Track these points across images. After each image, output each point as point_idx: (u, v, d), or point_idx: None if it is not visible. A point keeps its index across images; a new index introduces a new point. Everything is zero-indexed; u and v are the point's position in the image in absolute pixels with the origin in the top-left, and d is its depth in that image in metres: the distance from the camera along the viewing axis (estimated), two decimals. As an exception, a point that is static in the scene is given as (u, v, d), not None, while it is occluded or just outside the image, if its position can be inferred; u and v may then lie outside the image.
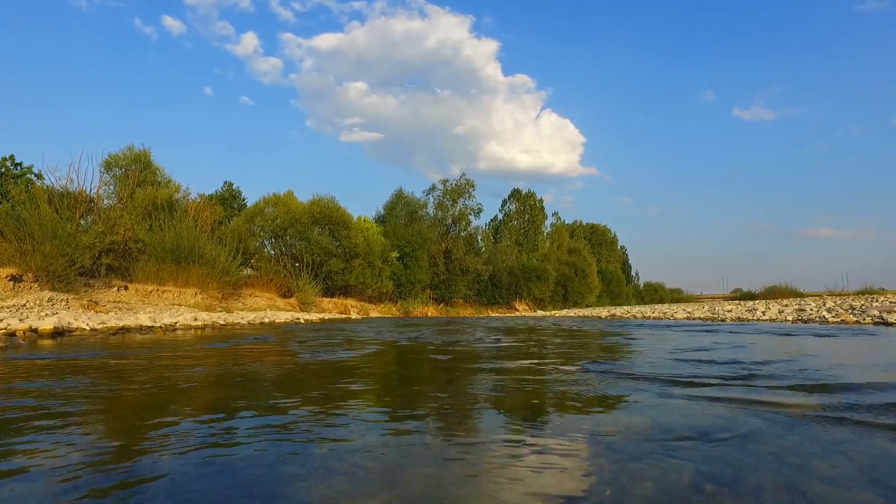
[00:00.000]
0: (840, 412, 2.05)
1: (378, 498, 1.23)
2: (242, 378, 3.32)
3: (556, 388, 2.89)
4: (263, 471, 1.41)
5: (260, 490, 1.26)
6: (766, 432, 1.76)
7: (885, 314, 10.44)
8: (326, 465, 1.47)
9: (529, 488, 1.30)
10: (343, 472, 1.40)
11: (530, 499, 1.22)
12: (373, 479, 1.36)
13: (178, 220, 19.89)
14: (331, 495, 1.24)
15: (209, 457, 1.54)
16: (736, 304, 24.12)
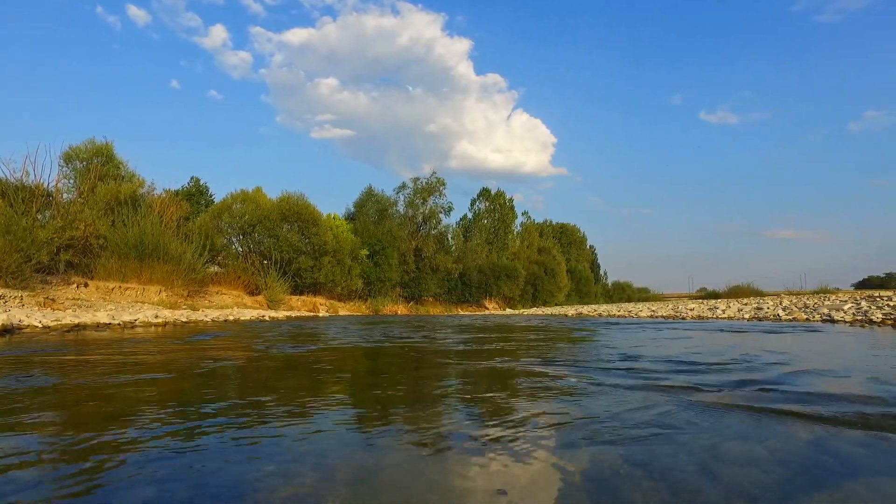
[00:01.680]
0: (748, 400, 2.23)
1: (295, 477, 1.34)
2: (185, 371, 3.38)
3: (505, 379, 3.04)
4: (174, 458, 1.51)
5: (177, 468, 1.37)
6: (677, 416, 1.93)
7: (833, 312, 10.93)
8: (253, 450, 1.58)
9: (476, 470, 1.43)
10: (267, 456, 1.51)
11: (477, 474, 1.35)
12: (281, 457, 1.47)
13: (143, 215, 19.49)
14: (258, 473, 1.35)
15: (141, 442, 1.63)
16: (699, 303, 24.75)
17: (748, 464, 1.44)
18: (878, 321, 8.63)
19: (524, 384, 2.94)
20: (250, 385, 3.08)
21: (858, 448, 1.57)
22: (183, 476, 1.36)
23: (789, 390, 2.51)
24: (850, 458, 1.47)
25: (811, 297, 20.83)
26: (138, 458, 1.53)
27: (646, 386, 2.72)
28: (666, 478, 1.33)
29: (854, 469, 1.38)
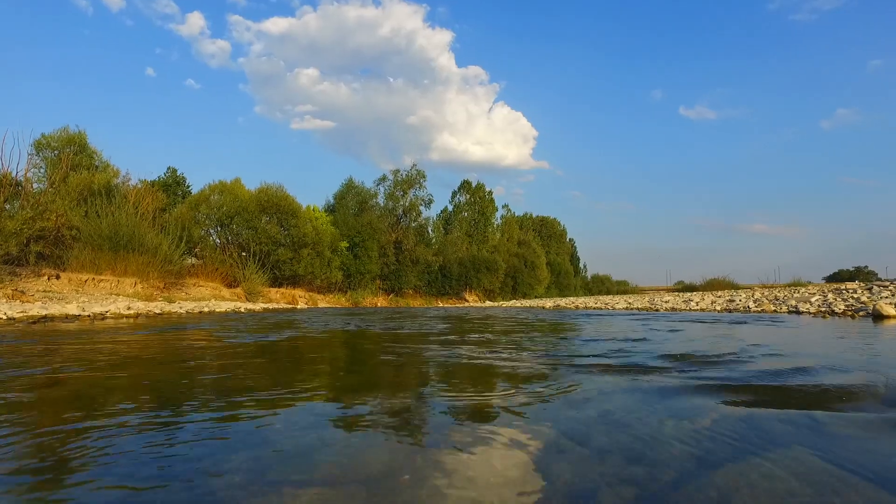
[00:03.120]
0: (691, 380, 2.34)
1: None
2: (153, 361, 3.40)
3: (469, 364, 3.11)
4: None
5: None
6: (607, 391, 2.02)
7: (800, 304, 11.24)
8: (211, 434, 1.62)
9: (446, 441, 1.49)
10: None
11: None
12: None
13: (117, 206, 19.17)
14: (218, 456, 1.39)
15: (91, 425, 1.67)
16: (675, 296, 25.16)
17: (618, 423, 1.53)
18: (840, 312, 8.90)
19: (473, 365, 3.02)
20: (200, 370, 3.11)
21: (777, 423, 1.67)
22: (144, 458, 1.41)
23: (693, 369, 2.63)
24: (760, 431, 1.56)
25: (783, 289, 21.34)
26: (95, 444, 1.57)
27: (578, 366, 2.82)
28: (581, 442, 1.42)
29: (771, 440, 1.47)
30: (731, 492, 1.12)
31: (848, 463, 1.28)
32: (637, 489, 1.14)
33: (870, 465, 1.27)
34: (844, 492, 1.12)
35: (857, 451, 1.38)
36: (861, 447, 1.42)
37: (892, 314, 7.36)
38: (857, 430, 1.57)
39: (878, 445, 1.44)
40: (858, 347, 4.05)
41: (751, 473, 1.23)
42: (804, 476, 1.21)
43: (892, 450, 1.41)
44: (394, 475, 1.27)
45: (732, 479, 1.20)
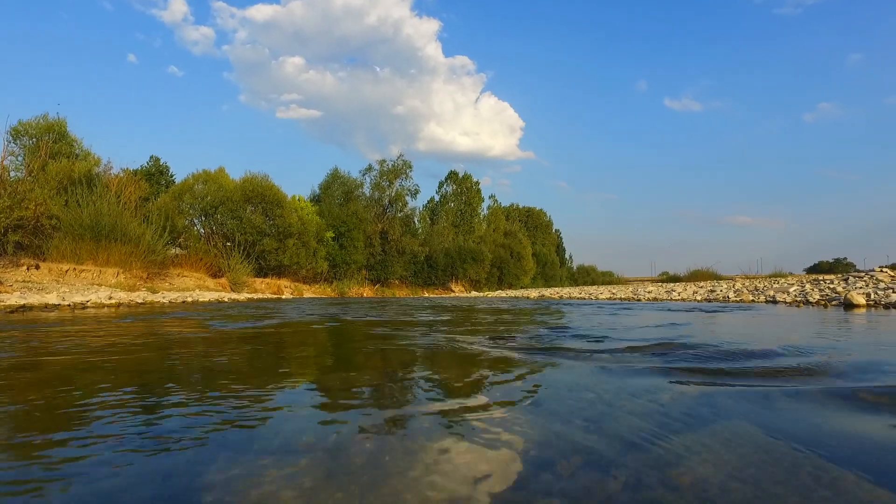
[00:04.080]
0: (646, 363, 2.43)
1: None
2: (127, 347, 3.43)
3: (443, 348, 3.19)
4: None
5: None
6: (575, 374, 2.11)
7: (777, 294, 11.48)
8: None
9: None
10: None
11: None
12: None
13: (98, 195, 18.93)
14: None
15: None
16: (658, 286, 25.48)
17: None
18: (814, 301, 9.11)
19: (448, 350, 3.09)
20: (174, 355, 3.15)
21: (729, 400, 1.76)
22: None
23: (662, 352, 2.72)
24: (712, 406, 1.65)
25: (763, 280, 21.72)
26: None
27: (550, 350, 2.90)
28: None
29: (720, 414, 1.56)
30: (673, 456, 1.19)
31: (779, 431, 1.37)
32: (590, 454, 1.21)
33: (796, 432, 1.36)
34: (767, 454, 1.20)
35: (790, 421, 1.47)
36: (794, 417, 1.51)
37: (861, 303, 7.56)
38: (796, 404, 1.66)
39: (810, 416, 1.53)
40: (822, 332, 4.19)
41: (693, 442, 1.31)
42: (737, 443, 1.29)
43: (820, 419, 1.50)
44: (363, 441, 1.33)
45: (676, 446, 1.27)
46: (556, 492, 1.02)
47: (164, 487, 1.06)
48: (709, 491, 1.01)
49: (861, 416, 1.50)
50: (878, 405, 1.62)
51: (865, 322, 5.29)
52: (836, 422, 1.46)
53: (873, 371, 2.18)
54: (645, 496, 0.99)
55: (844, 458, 1.16)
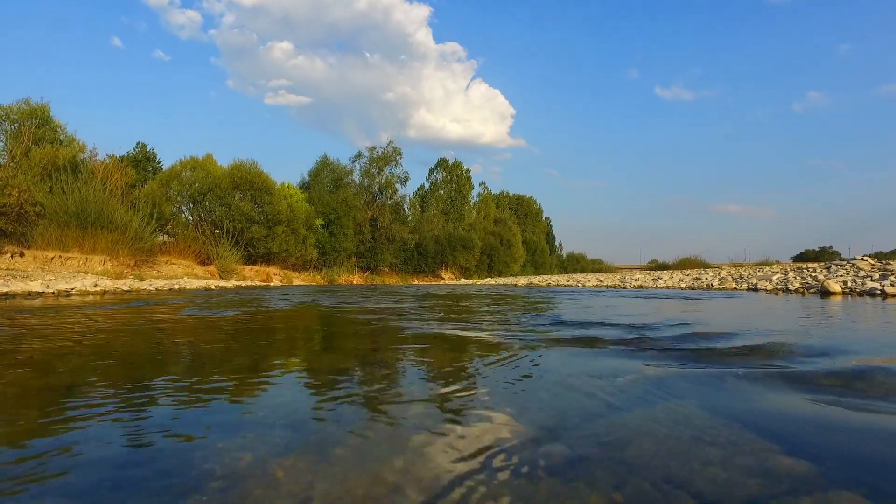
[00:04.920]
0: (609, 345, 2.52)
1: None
2: (106, 332, 3.47)
3: (425, 332, 3.26)
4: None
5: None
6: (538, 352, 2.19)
7: (759, 282, 11.66)
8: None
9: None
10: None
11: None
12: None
13: (84, 181, 18.76)
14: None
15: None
16: (645, 274, 25.71)
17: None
18: (794, 289, 9.27)
19: (430, 334, 3.16)
20: (151, 344, 3.20)
21: (679, 380, 1.84)
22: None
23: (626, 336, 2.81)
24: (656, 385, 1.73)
25: (748, 268, 21.99)
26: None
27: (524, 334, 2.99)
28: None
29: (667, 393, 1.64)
30: (616, 432, 1.26)
31: (720, 408, 1.45)
32: (544, 431, 1.28)
33: (735, 409, 1.45)
34: (702, 428, 1.28)
35: (733, 399, 1.56)
36: (738, 396, 1.60)
37: (837, 290, 7.71)
38: (745, 383, 1.75)
39: (753, 394, 1.61)
40: (790, 318, 4.30)
41: (641, 418, 1.38)
42: (681, 420, 1.37)
43: (760, 395, 1.59)
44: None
45: (624, 422, 1.35)
46: (509, 464, 1.08)
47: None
48: (642, 458, 1.08)
49: (795, 395, 1.59)
50: (812, 385, 1.71)
51: (836, 309, 5.43)
52: (772, 400, 1.54)
53: (823, 354, 2.28)
54: (581, 467, 1.06)
55: (769, 432, 1.24)
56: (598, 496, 0.94)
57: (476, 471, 1.04)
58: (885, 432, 1.24)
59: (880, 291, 7.03)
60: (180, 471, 1.06)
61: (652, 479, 1.00)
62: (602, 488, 0.96)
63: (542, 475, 1.03)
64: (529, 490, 0.96)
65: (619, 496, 0.93)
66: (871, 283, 7.98)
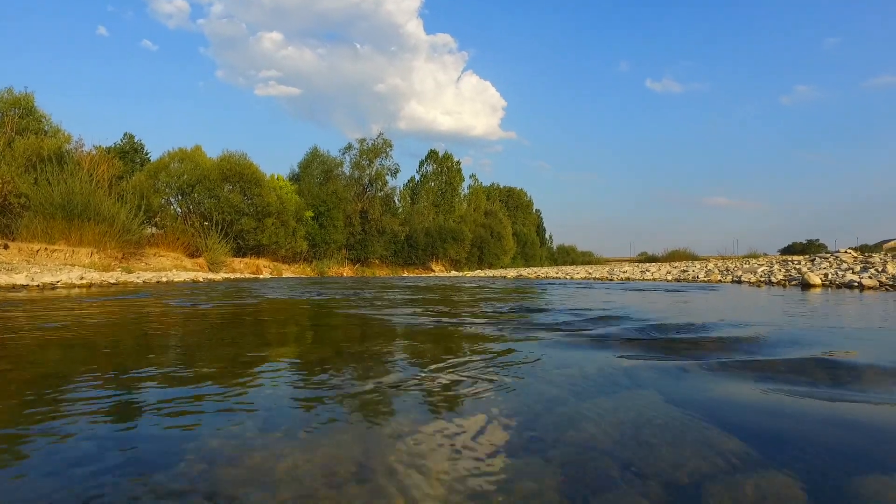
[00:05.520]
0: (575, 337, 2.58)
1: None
2: (88, 324, 3.49)
3: (405, 323, 3.31)
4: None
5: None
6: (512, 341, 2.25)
7: (744, 274, 11.81)
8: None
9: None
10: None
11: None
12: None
13: (70, 173, 18.58)
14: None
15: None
16: (633, 266, 25.92)
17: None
18: (776, 281, 9.41)
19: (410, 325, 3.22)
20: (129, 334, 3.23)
21: (645, 371, 1.91)
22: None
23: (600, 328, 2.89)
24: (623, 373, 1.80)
25: (737, 261, 22.24)
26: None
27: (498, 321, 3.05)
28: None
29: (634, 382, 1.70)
30: (577, 417, 1.32)
31: (678, 396, 1.51)
32: (513, 413, 1.34)
33: (691, 397, 1.52)
34: (657, 413, 1.34)
35: (691, 388, 1.62)
36: (697, 385, 1.67)
37: (817, 283, 7.85)
38: (706, 373, 1.81)
39: (711, 383, 1.68)
40: (767, 310, 4.40)
41: (602, 405, 1.44)
42: (638, 406, 1.43)
43: (718, 384, 1.66)
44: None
45: (586, 408, 1.41)
46: (474, 444, 1.14)
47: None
48: (596, 440, 1.14)
49: (750, 384, 1.66)
50: (768, 375, 1.78)
51: (812, 301, 5.53)
52: (727, 388, 1.61)
53: (786, 346, 2.35)
54: (539, 448, 1.11)
55: (719, 417, 1.31)
56: (552, 472, 0.99)
57: (438, 448, 1.10)
58: (823, 417, 1.31)
59: (857, 284, 7.17)
60: (160, 454, 1.10)
61: (602, 458, 1.05)
62: (555, 466, 1.02)
63: (502, 455, 1.09)
64: (490, 467, 1.02)
65: (571, 472, 0.99)
66: (851, 275, 8.12)
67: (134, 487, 0.94)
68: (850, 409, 1.36)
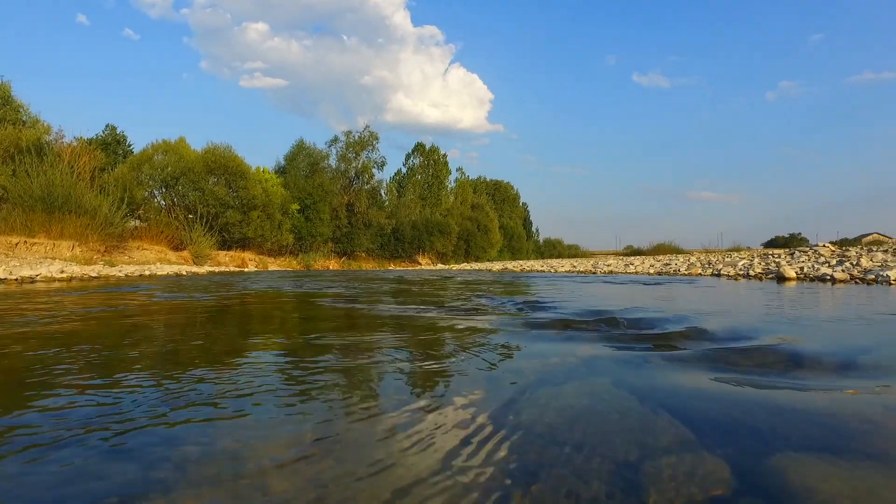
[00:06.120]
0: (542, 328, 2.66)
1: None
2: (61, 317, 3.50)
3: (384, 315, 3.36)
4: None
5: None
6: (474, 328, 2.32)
7: (724, 268, 11.99)
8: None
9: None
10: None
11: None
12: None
13: (50, 164, 18.34)
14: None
15: None
16: (618, 259, 26.16)
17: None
18: (754, 275, 9.58)
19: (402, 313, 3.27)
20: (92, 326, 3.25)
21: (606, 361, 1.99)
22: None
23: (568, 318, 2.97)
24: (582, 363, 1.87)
25: (718, 254, 22.52)
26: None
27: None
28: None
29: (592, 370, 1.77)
30: (531, 404, 1.39)
31: (630, 384, 1.59)
32: (473, 399, 1.40)
33: (642, 385, 1.59)
34: (606, 400, 1.42)
35: (645, 377, 1.70)
36: (651, 374, 1.74)
37: (792, 276, 8.01)
38: (663, 363, 1.89)
39: (665, 372, 1.76)
40: (738, 302, 4.51)
41: (557, 392, 1.51)
42: (590, 393, 1.50)
43: (671, 373, 1.74)
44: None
45: (541, 395, 1.48)
46: (435, 424, 1.20)
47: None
48: (544, 424, 1.20)
49: (701, 373, 1.74)
50: (721, 364, 1.86)
51: (784, 294, 5.67)
52: (678, 377, 1.69)
53: (745, 337, 2.44)
54: (489, 432, 1.18)
55: (663, 403, 1.38)
56: (504, 451, 1.06)
57: (399, 428, 1.16)
58: (756, 403, 1.38)
59: (830, 277, 7.34)
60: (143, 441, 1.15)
61: (551, 438, 1.12)
62: (507, 445, 1.08)
63: (455, 433, 1.15)
64: (445, 442, 1.08)
65: (521, 450, 1.05)
66: (825, 269, 8.31)
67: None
68: (781, 395, 1.44)
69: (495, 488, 0.92)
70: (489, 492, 0.90)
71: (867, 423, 1.20)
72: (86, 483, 0.96)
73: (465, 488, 0.92)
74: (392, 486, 0.93)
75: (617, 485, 0.92)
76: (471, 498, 0.89)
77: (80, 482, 0.96)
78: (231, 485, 0.95)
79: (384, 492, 0.91)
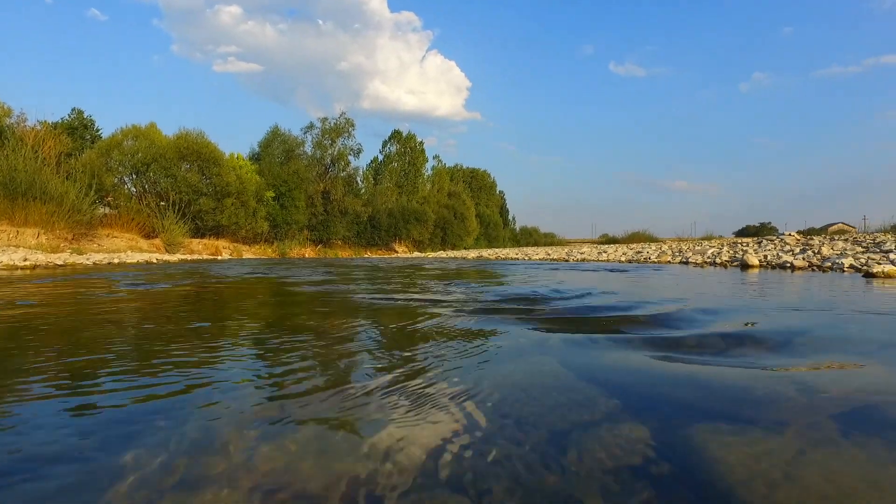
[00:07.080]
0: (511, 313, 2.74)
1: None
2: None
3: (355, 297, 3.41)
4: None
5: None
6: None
7: (692, 256, 12.28)
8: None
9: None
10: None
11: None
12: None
13: (12, 149, 17.83)
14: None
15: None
16: (591, 248, 26.50)
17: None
18: (720, 262, 9.84)
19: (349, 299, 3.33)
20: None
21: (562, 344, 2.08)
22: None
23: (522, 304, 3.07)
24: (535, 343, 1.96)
25: (689, 242, 22.99)
26: None
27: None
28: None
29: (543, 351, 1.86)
30: (481, 375, 1.46)
31: (574, 363, 1.69)
32: (428, 375, 1.47)
33: (586, 364, 1.70)
34: (550, 376, 1.51)
35: (590, 357, 1.80)
36: (597, 354, 1.84)
37: (755, 264, 8.27)
38: (611, 345, 1.99)
39: (611, 353, 1.86)
40: (697, 289, 4.66)
41: (505, 369, 1.59)
42: (537, 371, 1.60)
43: (616, 354, 1.85)
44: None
45: (489, 371, 1.56)
46: (388, 398, 1.26)
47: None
48: (490, 396, 1.28)
49: (643, 353, 1.84)
50: (662, 347, 1.97)
51: (745, 280, 5.87)
52: (622, 357, 1.79)
53: (691, 321, 2.56)
54: (433, 402, 1.25)
55: (603, 380, 1.48)
56: (446, 418, 1.13)
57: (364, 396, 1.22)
58: (683, 379, 1.49)
59: (790, 265, 7.59)
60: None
61: (496, 411, 1.21)
62: (450, 412, 1.16)
63: (408, 405, 1.22)
64: (400, 411, 1.15)
65: (467, 422, 1.13)
66: (786, 257, 8.58)
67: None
68: (707, 372, 1.55)
69: (441, 450, 0.99)
70: (438, 453, 0.98)
71: (774, 395, 1.31)
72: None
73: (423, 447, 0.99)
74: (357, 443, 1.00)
75: (551, 450, 1.01)
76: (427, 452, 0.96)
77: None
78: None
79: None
